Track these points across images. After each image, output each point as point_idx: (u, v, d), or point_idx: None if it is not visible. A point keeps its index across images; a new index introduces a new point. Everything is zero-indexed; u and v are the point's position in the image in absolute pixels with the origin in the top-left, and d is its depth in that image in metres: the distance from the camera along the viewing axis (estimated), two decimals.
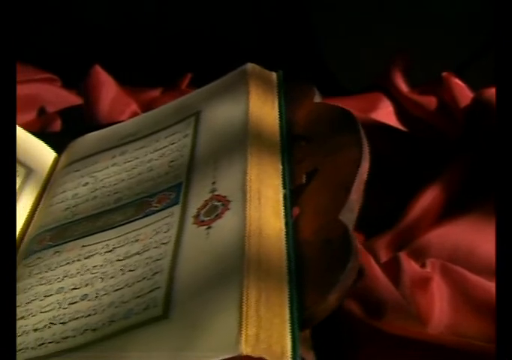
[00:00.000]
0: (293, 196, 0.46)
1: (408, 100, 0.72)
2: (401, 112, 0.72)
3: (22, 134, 0.61)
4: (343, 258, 0.40)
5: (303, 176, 0.47)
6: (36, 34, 1.02)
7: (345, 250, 0.40)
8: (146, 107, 0.79)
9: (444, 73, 0.72)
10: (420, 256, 0.54)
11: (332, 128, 0.49)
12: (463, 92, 0.69)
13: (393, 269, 0.50)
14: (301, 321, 0.39)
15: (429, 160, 0.64)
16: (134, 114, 0.77)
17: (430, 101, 0.72)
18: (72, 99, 0.81)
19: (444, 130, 0.68)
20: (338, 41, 1.00)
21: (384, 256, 0.54)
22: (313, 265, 0.41)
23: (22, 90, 0.78)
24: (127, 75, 0.81)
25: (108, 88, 0.80)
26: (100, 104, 0.78)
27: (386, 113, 0.72)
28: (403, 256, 0.52)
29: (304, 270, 0.41)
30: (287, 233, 0.43)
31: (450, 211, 0.58)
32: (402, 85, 0.74)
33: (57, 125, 0.76)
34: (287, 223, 0.44)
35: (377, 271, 0.49)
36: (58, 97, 0.82)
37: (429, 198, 0.59)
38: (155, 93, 0.83)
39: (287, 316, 0.39)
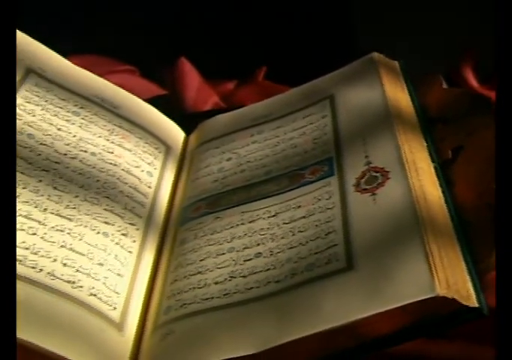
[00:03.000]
0: (442, 169, 0.52)
1: None
2: None
3: (157, 115, 0.66)
4: None
5: (449, 152, 0.53)
6: (115, 29, 1.07)
7: None
8: (226, 99, 0.84)
9: None
10: None
11: (470, 110, 0.54)
12: None
13: None
14: (477, 271, 0.44)
15: None
16: (216, 104, 0.82)
17: None
18: (153, 89, 0.85)
19: None
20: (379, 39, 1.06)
21: None
22: (476, 226, 0.47)
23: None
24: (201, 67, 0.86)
25: (193, 79, 0.84)
26: (187, 94, 0.83)
27: None
28: None
29: (468, 230, 0.47)
30: (446, 200, 0.49)
31: None
32: (473, 80, 0.79)
33: None
34: (443, 192, 0.50)
35: None
36: (139, 87, 0.85)
37: None
38: (230, 85, 0.87)
39: (464, 266, 0.44)
